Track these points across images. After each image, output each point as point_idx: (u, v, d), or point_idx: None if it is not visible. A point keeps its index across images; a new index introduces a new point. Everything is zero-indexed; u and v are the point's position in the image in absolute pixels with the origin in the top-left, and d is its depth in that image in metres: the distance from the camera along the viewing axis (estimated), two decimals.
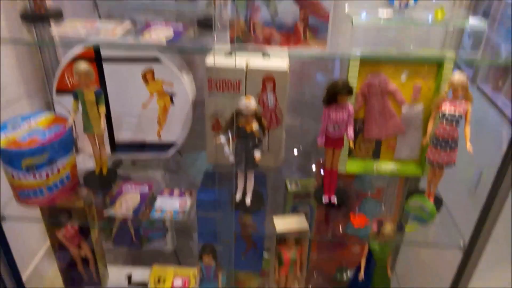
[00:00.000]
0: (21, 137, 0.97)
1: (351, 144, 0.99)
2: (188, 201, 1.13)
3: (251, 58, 1.06)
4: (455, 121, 0.92)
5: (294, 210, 1.31)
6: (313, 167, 1.35)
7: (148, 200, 1.13)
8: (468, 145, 0.91)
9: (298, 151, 1.39)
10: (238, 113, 0.95)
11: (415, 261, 1.50)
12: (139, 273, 1.51)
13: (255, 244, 1.35)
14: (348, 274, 1.63)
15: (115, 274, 1.48)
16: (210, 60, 1.03)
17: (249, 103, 0.92)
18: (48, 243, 1.31)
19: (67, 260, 1.32)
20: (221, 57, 1.04)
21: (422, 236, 1.10)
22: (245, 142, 0.98)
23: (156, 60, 1.12)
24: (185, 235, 1.60)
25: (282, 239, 1.19)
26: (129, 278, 1.47)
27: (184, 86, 1.15)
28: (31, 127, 1.01)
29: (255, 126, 0.95)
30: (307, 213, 1.28)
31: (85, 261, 1.33)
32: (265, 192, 1.22)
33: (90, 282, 1.37)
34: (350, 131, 0.98)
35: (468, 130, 0.92)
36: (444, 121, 0.92)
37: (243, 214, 1.23)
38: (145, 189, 1.17)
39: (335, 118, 0.95)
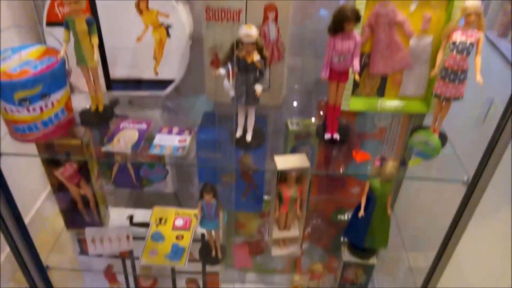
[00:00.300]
0: (11, 68, 0.93)
1: (357, 77, 0.95)
2: (187, 139, 1.11)
3: None
4: (466, 50, 0.87)
5: (295, 151, 1.30)
6: (315, 106, 1.32)
7: (146, 137, 1.11)
8: (478, 77, 0.87)
9: (299, 91, 1.36)
10: (238, 43, 0.90)
11: (414, 201, 1.51)
12: (140, 214, 1.52)
13: (255, 185, 1.35)
14: (346, 216, 1.65)
15: (117, 215, 1.49)
16: None
17: (250, 31, 0.88)
18: (49, 186, 1.30)
19: (67, 201, 1.32)
20: None
21: (425, 171, 1.09)
22: (246, 74, 0.94)
23: None
24: (185, 178, 1.60)
25: (282, 177, 1.18)
26: (131, 218, 1.48)
27: (181, 17, 1.09)
28: (22, 59, 0.97)
29: (256, 57, 0.91)
30: (308, 153, 1.27)
31: (86, 202, 1.33)
32: (266, 133, 1.20)
33: (91, 222, 1.37)
34: (356, 63, 0.93)
35: (478, 60, 0.88)
36: (455, 51, 0.88)
37: (243, 155, 1.22)
38: (143, 126, 1.14)
39: (340, 48, 0.91)
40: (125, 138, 1.10)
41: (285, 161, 1.13)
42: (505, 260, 1.05)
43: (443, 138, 1.04)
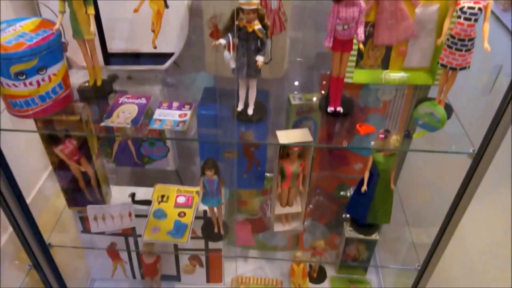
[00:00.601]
0: (6, 41, 0.91)
1: (361, 46, 0.92)
2: (188, 113, 1.09)
3: None
4: (474, 16, 0.85)
5: (297, 125, 1.28)
6: (318, 80, 1.30)
7: (146, 112, 1.09)
8: (486, 44, 0.85)
9: (301, 64, 1.33)
10: (239, 12, 0.87)
11: (418, 176, 1.50)
12: (142, 192, 1.52)
13: (258, 162, 1.34)
14: (349, 192, 1.64)
15: (118, 193, 1.48)
16: None
17: None
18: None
19: (68, 179, 1.31)
20: None
21: (429, 144, 1.07)
22: (246, 44, 0.91)
23: None
24: (187, 156, 1.59)
25: (284, 152, 1.16)
26: (133, 196, 1.48)
27: None
28: (17, 32, 0.94)
29: (257, 25, 0.88)
30: (311, 127, 1.25)
31: (87, 180, 1.32)
32: (268, 107, 1.18)
33: (93, 200, 1.37)
34: (361, 32, 0.91)
35: (487, 27, 0.85)
36: (462, 17, 0.85)
37: (245, 131, 1.20)
38: (143, 101, 1.12)
39: (345, 15, 0.88)
40: (124, 113, 1.08)
41: (287, 136, 1.12)
42: (508, 235, 1.04)
43: (448, 109, 1.03)
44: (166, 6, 1.07)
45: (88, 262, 1.75)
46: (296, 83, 1.34)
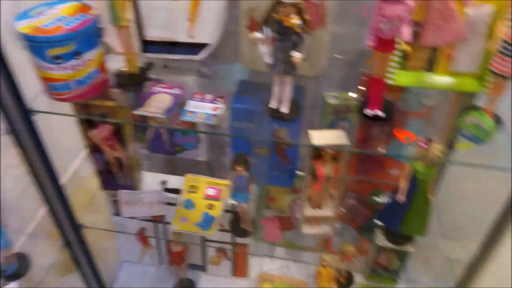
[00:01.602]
0: (45, 24, 0.92)
1: (407, 47, 0.86)
2: (221, 106, 1.07)
3: None
4: None
5: (333, 126, 1.23)
6: (357, 79, 1.24)
7: (179, 102, 1.08)
8: None
9: (340, 61, 1.27)
10: (277, 4, 0.84)
11: (458, 188, 1.41)
12: (173, 180, 1.53)
13: (289, 160, 1.31)
14: (383, 198, 1.57)
15: (150, 179, 1.50)
16: None
17: None
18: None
19: (102, 162, 1.33)
20: None
21: (472, 157, 0.99)
22: (284, 39, 0.88)
23: None
24: (219, 148, 1.58)
25: (317, 154, 1.12)
26: (164, 183, 1.49)
27: None
28: (56, 15, 0.95)
29: (295, 20, 0.84)
30: (347, 129, 1.20)
31: (120, 165, 1.34)
32: (302, 105, 1.14)
33: (125, 185, 1.39)
34: (406, 31, 0.84)
35: None
36: None
37: (278, 128, 1.17)
38: (177, 91, 1.12)
39: (389, 13, 0.81)
40: (157, 103, 1.08)
41: (321, 137, 1.07)
42: None
43: (497, 121, 0.94)
44: None
45: (118, 244, 1.80)
46: (335, 81, 1.29)
